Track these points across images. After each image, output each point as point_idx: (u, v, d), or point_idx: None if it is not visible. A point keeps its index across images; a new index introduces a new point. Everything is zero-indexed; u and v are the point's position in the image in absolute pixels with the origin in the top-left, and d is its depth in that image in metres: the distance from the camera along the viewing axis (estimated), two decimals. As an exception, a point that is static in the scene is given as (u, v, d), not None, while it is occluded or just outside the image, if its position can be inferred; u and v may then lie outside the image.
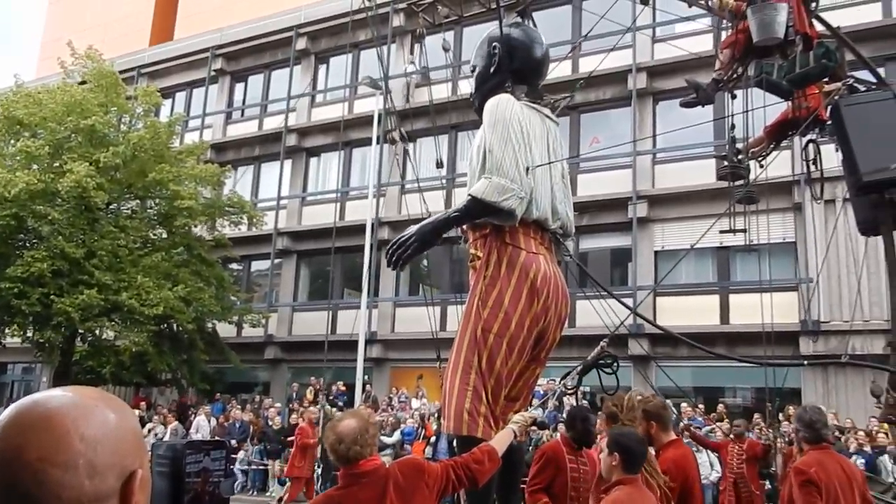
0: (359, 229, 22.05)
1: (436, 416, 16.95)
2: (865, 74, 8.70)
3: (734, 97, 9.10)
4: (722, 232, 10.41)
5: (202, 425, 20.19)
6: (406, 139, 9.98)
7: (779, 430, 12.99)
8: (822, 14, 8.42)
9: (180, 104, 31.40)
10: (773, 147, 9.52)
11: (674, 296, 20.25)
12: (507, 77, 5.89)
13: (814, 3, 7.67)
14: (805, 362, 14.86)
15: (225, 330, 25.04)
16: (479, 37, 6.35)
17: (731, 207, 9.72)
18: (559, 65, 13.24)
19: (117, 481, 1.17)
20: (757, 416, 15.71)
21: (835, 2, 17.06)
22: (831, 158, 9.42)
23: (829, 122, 8.48)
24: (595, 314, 6.53)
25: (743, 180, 9.55)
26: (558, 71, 16.04)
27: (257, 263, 28.36)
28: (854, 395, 17.06)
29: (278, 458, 19.33)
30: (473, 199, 5.24)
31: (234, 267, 27.96)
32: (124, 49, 33.67)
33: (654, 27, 21.64)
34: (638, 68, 21.58)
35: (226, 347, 24.24)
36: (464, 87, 12.78)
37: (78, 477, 1.12)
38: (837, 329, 17.39)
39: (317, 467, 16.75)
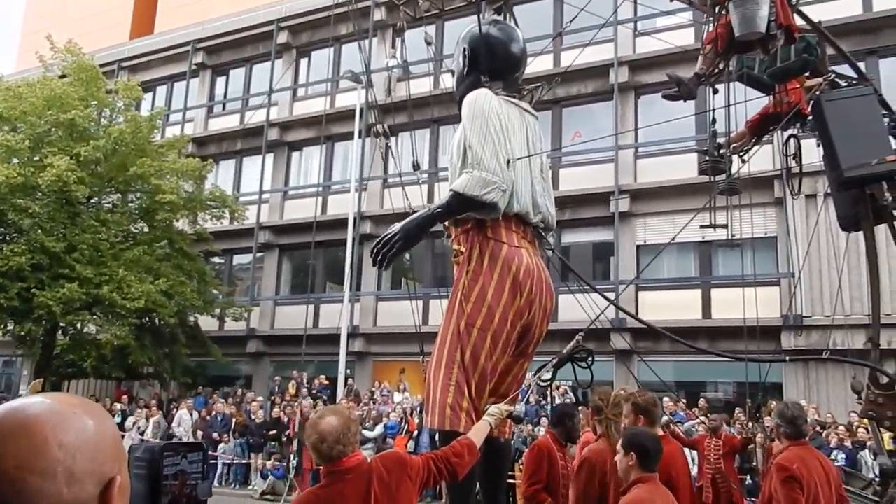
0: (341, 223, 22.06)
1: (418, 410, 16.97)
2: (846, 69, 8.72)
3: (716, 92, 9.10)
4: (703, 226, 10.42)
5: (184, 419, 20.13)
6: (388, 134, 9.91)
7: (761, 425, 13.01)
8: (802, 8, 8.44)
9: (161, 98, 31.16)
10: (754, 142, 9.55)
11: (656, 290, 20.33)
12: (480, 75, 5.90)
13: (795, -2, 7.69)
14: (786, 358, 14.92)
15: (207, 323, 24.97)
16: (460, 31, 6.34)
17: (711, 201, 9.71)
18: (539, 58, 13.22)
19: (96, 488, 1.17)
20: (738, 410, 15.79)
21: (816, -4, 17.11)
22: (812, 153, 9.46)
23: (811, 118, 8.51)
24: (578, 308, 6.52)
25: (724, 174, 9.56)
26: (540, 65, 16.09)
27: (239, 257, 28.28)
28: (835, 390, 17.19)
29: (261, 452, 19.31)
30: (456, 193, 5.24)
31: (216, 261, 27.91)
32: (105, 42, 33.54)
33: (636, 21, 21.71)
34: (620, 62, 21.61)
35: (208, 341, 24.18)
36: (445, 82, 12.72)
37: (56, 485, 1.11)
38: (819, 324, 17.46)
39: (292, 459, 16.89)
